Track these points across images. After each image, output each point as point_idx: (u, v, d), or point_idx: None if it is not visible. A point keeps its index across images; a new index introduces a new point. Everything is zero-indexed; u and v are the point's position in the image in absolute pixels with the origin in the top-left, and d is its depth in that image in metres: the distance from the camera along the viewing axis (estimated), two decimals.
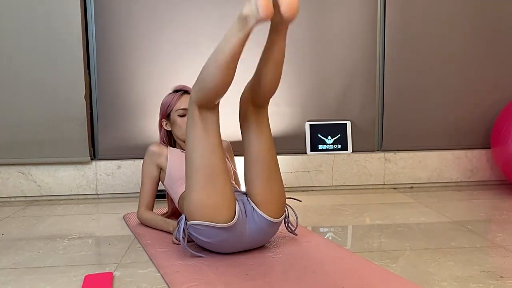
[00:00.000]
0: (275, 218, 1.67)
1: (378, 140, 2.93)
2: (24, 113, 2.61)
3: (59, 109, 2.63)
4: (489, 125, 2.90)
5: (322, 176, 2.83)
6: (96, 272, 1.55)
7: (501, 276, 1.49)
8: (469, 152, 2.91)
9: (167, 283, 1.46)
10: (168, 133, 2.18)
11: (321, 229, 2.07)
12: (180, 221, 1.66)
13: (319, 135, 2.86)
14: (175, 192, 2.01)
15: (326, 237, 1.96)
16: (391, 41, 2.85)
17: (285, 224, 1.81)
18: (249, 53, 2.78)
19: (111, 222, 2.21)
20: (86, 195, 2.71)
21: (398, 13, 2.84)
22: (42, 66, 2.60)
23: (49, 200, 2.69)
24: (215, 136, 1.62)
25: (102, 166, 2.70)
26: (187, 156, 1.64)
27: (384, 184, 2.87)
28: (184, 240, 1.63)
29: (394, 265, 1.61)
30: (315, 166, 2.82)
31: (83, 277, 1.51)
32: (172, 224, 1.91)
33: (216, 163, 1.60)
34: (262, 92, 1.65)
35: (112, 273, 1.54)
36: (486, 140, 2.90)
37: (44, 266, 1.64)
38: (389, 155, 2.87)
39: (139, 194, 2.11)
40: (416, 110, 2.90)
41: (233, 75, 1.55)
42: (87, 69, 2.69)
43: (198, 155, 1.60)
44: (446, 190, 2.82)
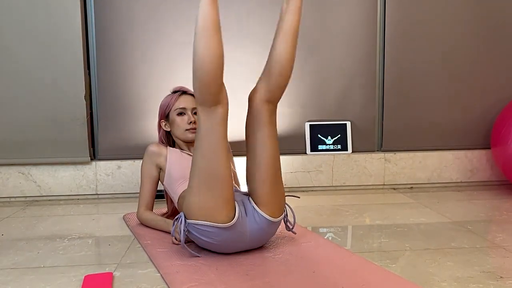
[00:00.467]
0: (275, 217, 1.68)
1: (378, 140, 2.93)
2: (24, 113, 2.61)
3: (59, 109, 2.63)
4: (489, 126, 2.90)
5: (322, 176, 2.82)
6: (96, 272, 1.55)
7: (501, 277, 1.49)
8: (469, 153, 2.91)
9: (167, 283, 1.46)
10: (167, 133, 2.18)
11: (321, 230, 2.07)
12: (177, 220, 1.66)
13: (319, 136, 2.86)
14: (174, 192, 2.01)
15: (326, 237, 1.96)
16: (391, 41, 2.85)
17: (284, 221, 1.81)
18: (254, 56, 2.78)
19: (111, 222, 2.21)
20: (86, 195, 2.71)
21: (398, 13, 2.84)
22: (42, 66, 2.60)
23: (49, 200, 2.68)
24: (220, 139, 1.58)
25: (102, 166, 2.70)
26: (193, 158, 1.62)
27: (384, 185, 2.87)
28: (183, 238, 1.63)
29: (394, 265, 1.61)
30: (315, 166, 2.82)
31: (83, 277, 1.51)
32: (171, 224, 1.91)
33: (220, 167, 1.58)
34: (275, 72, 1.61)
35: (112, 273, 1.54)
36: (486, 141, 2.90)
37: (44, 266, 1.64)
38: (389, 155, 2.87)
39: (139, 194, 2.11)
40: (416, 110, 2.90)
41: (219, 46, 1.49)
42: (87, 69, 2.69)
43: (199, 157, 1.59)
44: (446, 190, 2.82)
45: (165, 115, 2.13)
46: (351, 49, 2.86)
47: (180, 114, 2.09)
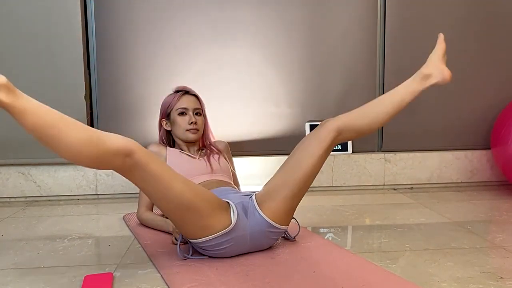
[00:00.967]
0: (277, 223, 1.66)
1: (378, 140, 2.93)
2: None
3: (59, 109, 2.59)
4: (489, 126, 2.90)
5: (322, 176, 2.82)
6: (96, 273, 1.55)
7: (501, 277, 1.49)
8: (469, 153, 2.91)
9: (167, 284, 1.46)
10: (168, 133, 2.18)
11: (321, 230, 2.07)
12: (180, 238, 1.68)
13: None
14: None
15: (326, 237, 1.96)
16: (391, 41, 2.85)
17: (284, 234, 1.82)
18: (255, 57, 2.77)
19: (111, 223, 2.21)
20: (86, 196, 2.71)
21: (398, 13, 2.84)
22: (42, 66, 2.60)
23: (49, 200, 2.68)
24: (159, 174, 1.45)
25: None
26: (156, 204, 1.55)
27: (384, 185, 2.87)
28: (190, 254, 1.65)
29: (394, 265, 1.60)
30: None
31: (83, 277, 1.50)
32: (171, 224, 1.91)
33: (181, 194, 1.48)
34: (364, 124, 1.74)
35: (112, 273, 1.54)
36: (486, 141, 2.90)
37: (44, 267, 1.64)
38: (389, 155, 2.87)
39: (139, 194, 2.11)
40: (416, 111, 2.90)
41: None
42: (87, 69, 2.69)
43: (164, 202, 1.51)
44: (446, 190, 2.82)
45: (166, 114, 2.13)
46: (351, 49, 2.86)
47: (181, 114, 2.09)
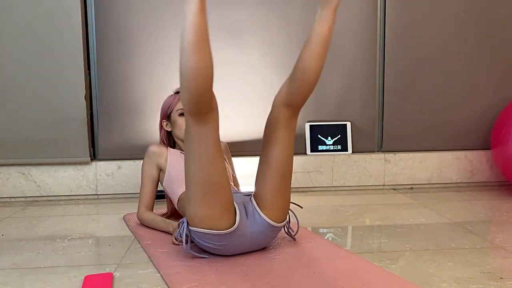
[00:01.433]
0: (277, 222, 1.67)
1: (378, 141, 2.93)
2: (24, 113, 2.61)
3: (59, 109, 2.63)
4: (489, 126, 2.90)
5: (322, 177, 2.82)
6: (96, 273, 1.55)
7: (501, 277, 1.49)
8: (469, 153, 2.91)
9: (167, 284, 1.46)
10: (168, 134, 2.18)
11: (321, 230, 2.07)
12: (181, 224, 1.66)
13: (319, 136, 2.86)
14: (174, 193, 2.01)
15: (326, 237, 1.96)
16: (391, 41, 2.85)
17: (285, 229, 1.81)
18: (255, 58, 2.78)
19: (111, 223, 2.21)
20: (86, 196, 2.71)
21: (398, 13, 2.84)
22: (42, 66, 2.60)
23: (49, 200, 2.68)
24: (213, 146, 1.52)
25: (102, 167, 2.70)
26: (185, 166, 1.58)
27: (384, 185, 2.87)
28: (188, 244, 1.63)
29: (394, 266, 1.61)
30: (315, 167, 2.82)
31: (83, 277, 1.51)
32: (172, 224, 1.91)
33: (216, 175, 1.54)
34: (298, 79, 1.55)
35: (112, 273, 1.54)
36: (486, 141, 2.90)
37: (44, 267, 1.64)
38: (389, 156, 2.87)
39: (139, 194, 2.11)
40: (416, 111, 2.90)
41: (210, 58, 1.39)
42: (87, 69, 2.69)
43: (194, 169, 1.54)
44: (446, 191, 2.82)
45: (167, 115, 2.13)
46: (351, 49, 2.86)
47: (182, 115, 2.08)
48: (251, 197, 1.70)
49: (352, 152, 2.87)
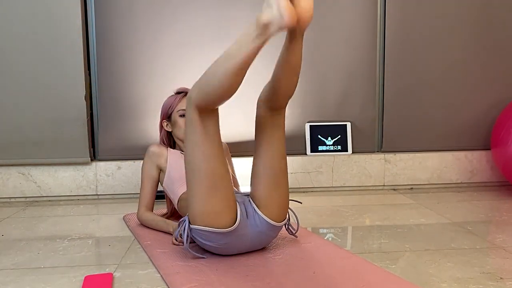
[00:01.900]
0: (277, 221, 1.67)
1: (378, 141, 2.93)
2: (24, 113, 2.61)
3: (59, 109, 2.63)
4: (489, 126, 2.90)
5: (322, 177, 2.82)
6: (96, 273, 1.55)
7: (501, 278, 1.49)
8: (469, 153, 2.91)
9: (167, 284, 1.46)
10: (169, 134, 2.18)
11: (321, 230, 2.07)
12: (182, 223, 1.66)
13: (319, 136, 2.86)
14: (174, 194, 2.01)
15: (326, 238, 1.96)
16: (391, 41, 2.85)
17: (285, 227, 1.81)
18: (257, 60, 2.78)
19: (111, 223, 2.21)
20: (86, 196, 2.71)
21: (398, 13, 2.84)
22: (42, 66, 2.60)
23: (49, 200, 2.68)
24: (216, 139, 1.57)
25: (102, 167, 2.70)
26: (186, 160, 1.59)
27: (384, 185, 2.87)
28: (187, 242, 1.63)
29: (394, 266, 1.61)
30: (315, 167, 2.82)
31: (83, 277, 1.51)
32: (172, 225, 1.91)
33: (217, 168, 1.56)
34: (277, 97, 1.61)
35: (112, 274, 1.54)
36: (486, 141, 2.90)
37: (44, 267, 1.64)
38: (389, 156, 2.87)
39: (139, 194, 2.11)
40: (416, 111, 2.90)
41: (241, 81, 1.47)
42: (87, 69, 2.69)
43: (199, 161, 1.56)
44: (446, 191, 2.82)
45: (167, 116, 2.13)
46: (351, 50, 2.86)
47: (182, 115, 2.08)
48: (249, 197, 1.70)
49: (352, 153, 2.87)
